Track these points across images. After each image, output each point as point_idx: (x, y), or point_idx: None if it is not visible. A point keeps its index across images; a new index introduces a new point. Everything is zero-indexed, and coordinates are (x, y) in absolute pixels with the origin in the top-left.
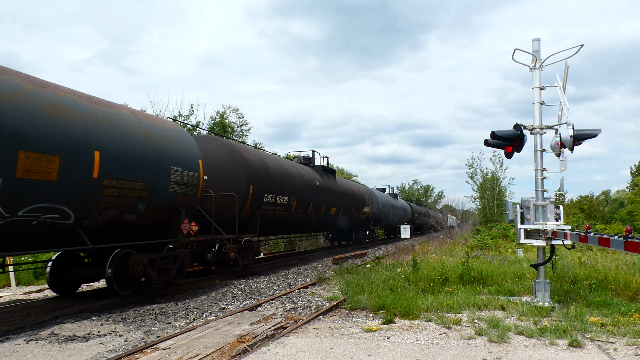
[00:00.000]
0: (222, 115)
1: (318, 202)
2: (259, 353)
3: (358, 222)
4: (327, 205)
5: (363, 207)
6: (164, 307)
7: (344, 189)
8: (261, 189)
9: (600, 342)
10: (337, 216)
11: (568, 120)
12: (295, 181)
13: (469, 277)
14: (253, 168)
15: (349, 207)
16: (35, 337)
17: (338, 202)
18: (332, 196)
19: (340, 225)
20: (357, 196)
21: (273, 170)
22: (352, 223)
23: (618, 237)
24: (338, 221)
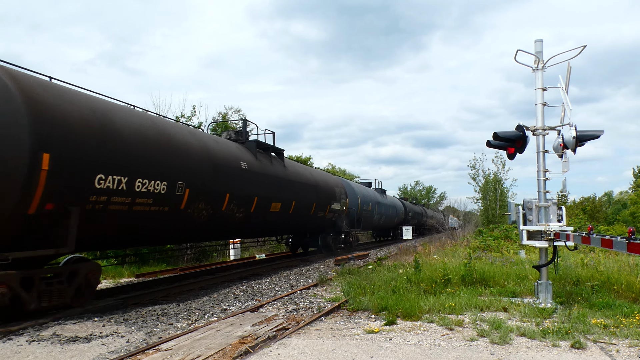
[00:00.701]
0: (224, 116)
1: (245, 194)
2: (261, 354)
3: (325, 223)
4: (264, 199)
5: (331, 203)
6: (165, 308)
7: (297, 177)
8: (85, 164)
9: (602, 344)
10: (286, 215)
11: (571, 121)
12: (190, 158)
13: (471, 278)
14: (56, 122)
15: (306, 202)
16: (37, 338)
17: (286, 196)
18: (273, 186)
19: (289, 228)
20: (320, 188)
21: (128, 134)
22: (312, 224)
23: (621, 239)
24: (286, 222)
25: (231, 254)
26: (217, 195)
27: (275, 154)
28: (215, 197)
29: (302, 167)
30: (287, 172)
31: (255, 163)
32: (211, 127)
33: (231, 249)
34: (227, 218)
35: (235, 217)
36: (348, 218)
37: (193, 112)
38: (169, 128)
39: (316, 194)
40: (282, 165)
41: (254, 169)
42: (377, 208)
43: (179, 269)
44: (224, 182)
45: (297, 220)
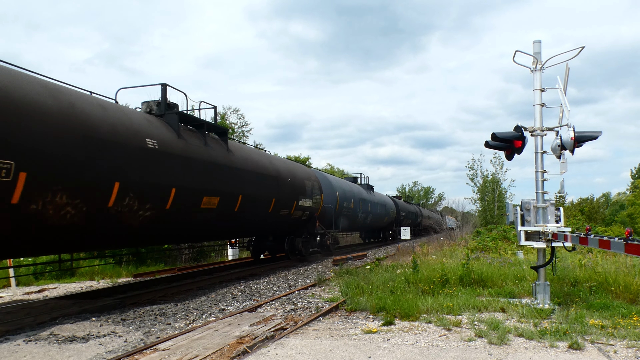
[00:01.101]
0: (222, 116)
1: (153, 183)
2: (259, 354)
3: (292, 224)
4: (190, 191)
5: (299, 199)
6: (163, 308)
7: (248, 165)
8: None
9: (600, 345)
10: (228, 213)
11: (569, 122)
12: (32, 124)
13: (469, 278)
14: None
15: (260, 197)
16: (34, 338)
17: (228, 188)
18: (206, 175)
19: (235, 230)
20: (283, 181)
21: None
22: (273, 225)
23: (618, 240)
24: (228, 222)
25: (229, 253)
26: (95, 184)
27: (216, 134)
28: (92, 187)
29: (258, 153)
30: (230, 157)
31: (176, 142)
32: None
33: (229, 249)
34: (120, 218)
35: (136, 216)
36: (324, 217)
37: None
38: None
39: (277, 188)
40: (223, 148)
41: (172, 150)
42: (362, 206)
43: (177, 269)
44: (111, 166)
45: (248, 220)
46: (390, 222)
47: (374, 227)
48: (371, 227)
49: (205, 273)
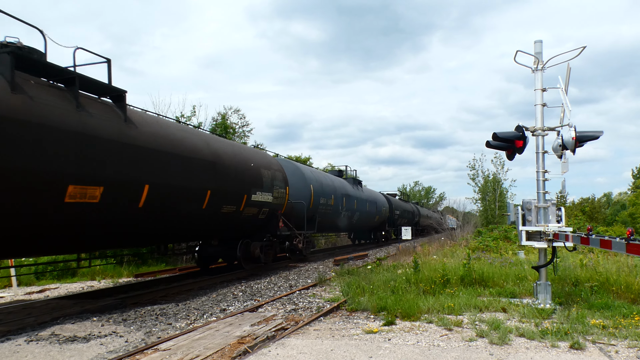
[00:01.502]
0: (223, 116)
1: None
2: (260, 354)
3: (245, 224)
4: (40, 177)
5: (251, 192)
6: (164, 308)
7: (165, 142)
8: None
9: (601, 345)
10: (121, 209)
11: (570, 122)
12: None
13: (470, 278)
14: None
15: (188, 188)
16: (35, 338)
17: (123, 174)
18: (75, 154)
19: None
20: (225, 168)
21: None
22: (211, 226)
23: (620, 239)
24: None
25: None
26: None
27: (109, 98)
28: None
29: (183, 130)
30: (129, 131)
31: (13, 105)
32: (210, 127)
33: None
34: None
35: None
36: (292, 215)
37: (193, 112)
38: None
39: (215, 177)
40: (118, 118)
41: None
42: (347, 203)
43: (178, 269)
44: None
45: (167, 219)
46: (383, 221)
47: (363, 227)
48: (359, 227)
49: (206, 273)
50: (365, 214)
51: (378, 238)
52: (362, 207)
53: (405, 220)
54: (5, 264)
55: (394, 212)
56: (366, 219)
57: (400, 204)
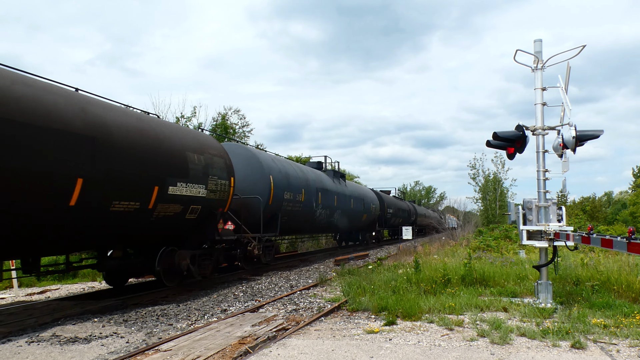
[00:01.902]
0: (223, 116)
1: None
2: (261, 355)
3: (166, 227)
4: None
5: (169, 182)
6: (165, 309)
7: None
8: None
9: (603, 344)
10: None
11: (570, 121)
12: None
13: (471, 278)
14: None
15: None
16: (36, 339)
17: None
18: None
19: None
20: (112, 144)
21: None
22: (98, 229)
23: (621, 238)
24: None
25: None
26: None
27: None
28: None
29: (28, 85)
30: None
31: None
32: (210, 127)
33: None
34: None
35: None
36: (244, 214)
37: (193, 113)
38: None
39: (92, 158)
40: None
41: None
42: (324, 199)
43: None
44: None
45: None
46: (372, 221)
47: (346, 227)
48: (341, 227)
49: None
50: (349, 213)
51: (367, 240)
52: (345, 204)
53: (400, 219)
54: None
55: (386, 211)
56: (350, 218)
57: (394, 201)
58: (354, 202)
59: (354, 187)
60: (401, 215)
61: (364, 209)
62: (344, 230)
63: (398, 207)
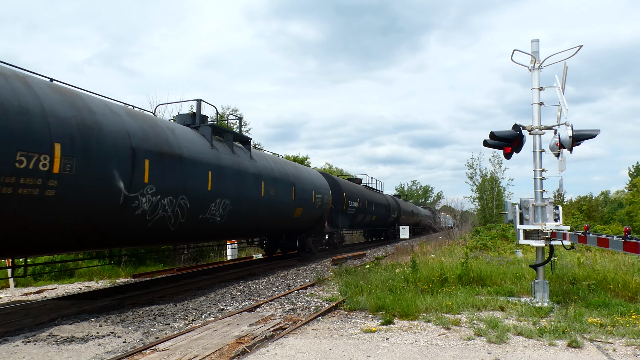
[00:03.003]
0: (221, 116)
1: None
2: (258, 354)
3: None
4: None
5: None
6: (162, 308)
7: None
8: None
9: (599, 343)
10: None
11: (567, 120)
12: None
13: (468, 277)
14: None
15: None
16: (33, 339)
17: None
18: None
19: None
20: None
21: None
22: None
23: (617, 238)
24: None
25: (228, 254)
26: None
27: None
28: None
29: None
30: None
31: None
32: None
33: (228, 249)
34: None
35: None
36: None
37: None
38: None
39: None
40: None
41: None
42: (222, 179)
43: (176, 269)
44: None
45: None
46: (319, 217)
47: (248, 227)
48: (236, 228)
49: (204, 273)
50: (268, 204)
51: (307, 246)
52: (250, 191)
53: (374, 217)
54: (3, 264)
55: (348, 204)
56: (271, 213)
57: (361, 192)
58: (280, 185)
59: (273, 164)
60: (376, 212)
61: (304, 201)
62: (268, 230)
63: (370, 200)
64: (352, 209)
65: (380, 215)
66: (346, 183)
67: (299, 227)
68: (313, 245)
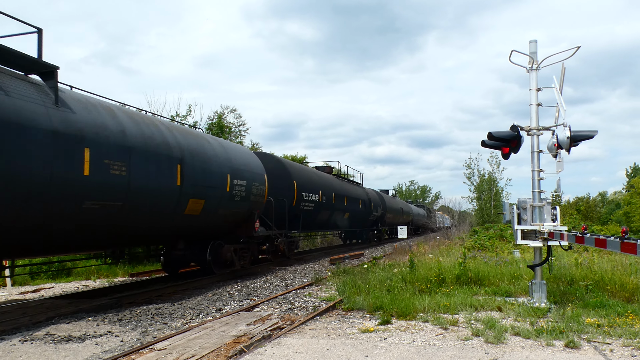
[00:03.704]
0: (219, 115)
1: None
2: (256, 354)
3: None
4: None
5: None
6: (160, 308)
7: None
8: None
9: (596, 343)
10: None
11: (565, 121)
12: None
13: (466, 277)
14: None
15: None
16: (30, 338)
17: None
18: None
19: None
20: None
21: None
22: None
23: (614, 238)
24: None
25: None
26: None
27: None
28: None
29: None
30: None
31: None
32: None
33: None
34: None
35: None
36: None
37: (188, 112)
38: None
39: None
40: None
41: None
42: None
43: None
44: None
45: None
46: (246, 214)
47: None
48: None
49: (202, 273)
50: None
51: (224, 257)
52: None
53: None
54: None
55: (301, 197)
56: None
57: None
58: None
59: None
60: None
61: (192, 185)
62: None
63: (343, 193)
64: (310, 204)
65: (358, 213)
66: (300, 169)
67: (205, 231)
68: (235, 257)
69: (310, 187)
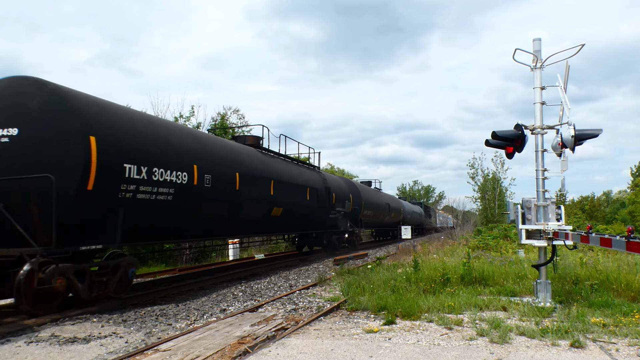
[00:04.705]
0: (223, 116)
1: None
2: (260, 354)
3: None
4: None
5: None
6: (164, 309)
7: None
8: None
9: (602, 343)
10: None
11: (569, 120)
12: None
13: (470, 277)
14: None
15: None
16: (35, 339)
17: None
18: None
19: None
20: None
21: None
22: None
23: (620, 238)
24: None
25: (230, 254)
26: None
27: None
28: None
29: None
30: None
31: None
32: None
33: (230, 249)
34: None
35: None
36: None
37: (192, 112)
38: None
39: None
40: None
41: None
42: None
43: (178, 269)
44: None
45: None
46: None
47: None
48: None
49: (206, 273)
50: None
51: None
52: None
53: (273, 208)
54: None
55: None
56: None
57: (230, 155)
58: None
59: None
60: (277, 200)
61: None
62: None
63: (251, 173)
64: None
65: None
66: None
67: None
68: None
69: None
